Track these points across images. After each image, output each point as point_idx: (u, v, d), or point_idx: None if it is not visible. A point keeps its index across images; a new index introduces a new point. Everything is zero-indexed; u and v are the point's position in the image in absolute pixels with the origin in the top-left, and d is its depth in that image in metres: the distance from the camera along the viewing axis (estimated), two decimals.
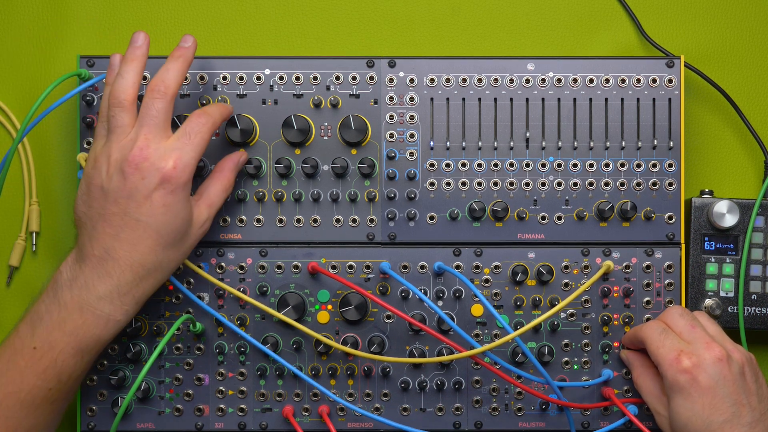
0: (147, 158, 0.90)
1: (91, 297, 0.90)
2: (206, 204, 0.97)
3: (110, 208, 0.90)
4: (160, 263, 0.92)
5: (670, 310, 0.99)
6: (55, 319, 0.90)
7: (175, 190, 0.90)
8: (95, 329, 0.90)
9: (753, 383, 0.94)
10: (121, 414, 0.95)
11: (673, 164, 1.03)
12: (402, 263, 1.03)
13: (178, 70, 0.94)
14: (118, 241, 0.90)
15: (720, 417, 0.91)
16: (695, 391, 0.92)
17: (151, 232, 0.90)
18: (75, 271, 0.91)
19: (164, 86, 0.92)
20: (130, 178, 0.90)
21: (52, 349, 0.89)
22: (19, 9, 1.10)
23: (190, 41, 0.96)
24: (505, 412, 1.03)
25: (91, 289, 0.90)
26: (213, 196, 0.98)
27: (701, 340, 0.94)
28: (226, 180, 0.99)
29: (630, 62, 1.04)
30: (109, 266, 0.90)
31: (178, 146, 0.92)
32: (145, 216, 0.90)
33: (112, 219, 0.90)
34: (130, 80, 0.93)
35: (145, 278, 0.92)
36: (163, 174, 0.90)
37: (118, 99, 0.92)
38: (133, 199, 0.90)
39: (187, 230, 0.94)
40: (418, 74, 1.03)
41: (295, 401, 1.03)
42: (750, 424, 0.91)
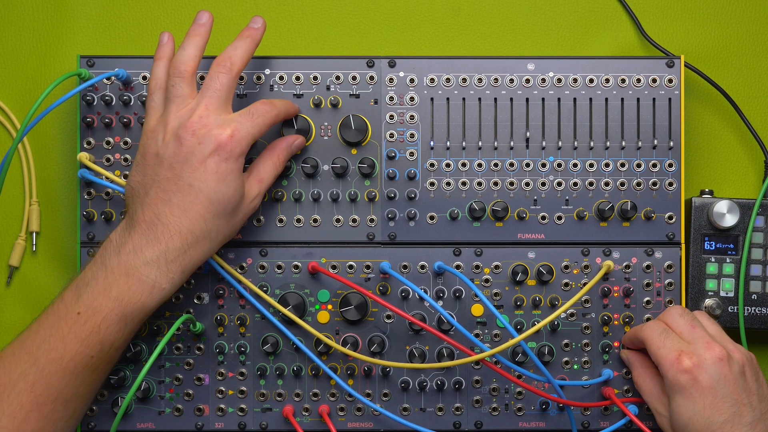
0: (206, 125, 0.91)
1: (138, 262, 0.90)
2: (257, 180, 0.97)
3: (164, 173, 0.91)
4: (209, 232, 0.92)
5: (670, 310, 0.99)
6: (101, 285, 0.89)
7: (228, 158, 0.91)
8: (140, 296, 0.90)
9: (753, 383, 0.94)
10: (121, 414, 0.95)
11: (673, 164, 1.03)
12: (402, 263, 1.03)
13: (245, 48, 0.95)
14: (169, 206, 0.90)
15: (721, 417, 0.91)
16: (696, 390, 0.92)
17: (202, 197, 0.90)
18: (124, 237, 0.91)
19: (230, 62, 0.94)
20: (186, 143, 0.90)
21: (96, 315, 0.89)
22: (19, 9, 1.10)
23: (260, 22, 0.97)
24: (505, 412, 1.03)
25: (139, 254, 0.90)
26: (264, 173, 0.97)
27: (702, 340, 0.94)
28: (277, 159, 0.99)
29: (630, 62, 1.04)
30: (158, 231, 0.90)
31: (238, 119, 0.92)
32: (198, 181, 0.90)
33: (166, 184, 0.90)
34: (192, 53, 0.94)
35: (193, 246, 0.91)
36: (220, 141, 0.90)
37: (179, 69, 0.93)
38: (188, 163, 0.90)
39: (238, 202, 0.94)
40: (418, 74, 1.03)
41: (295, 401, 1.03)
42: (750, 423, 0.91)
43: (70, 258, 1.07)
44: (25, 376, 0.88)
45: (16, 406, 0.88)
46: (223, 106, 0.93)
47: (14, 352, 0.90)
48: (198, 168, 0.90)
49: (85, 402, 0.93)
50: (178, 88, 0.93)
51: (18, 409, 0.88)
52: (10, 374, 0.89)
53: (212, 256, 1.00)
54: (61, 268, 1.08)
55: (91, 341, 0.89)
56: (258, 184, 0.97)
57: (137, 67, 1.03)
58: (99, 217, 1.03)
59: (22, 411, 0.88)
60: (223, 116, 0.92)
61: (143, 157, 0.93)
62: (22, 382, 0.88)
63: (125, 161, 1.03)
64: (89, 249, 1.03)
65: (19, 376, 0.88)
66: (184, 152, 0.90)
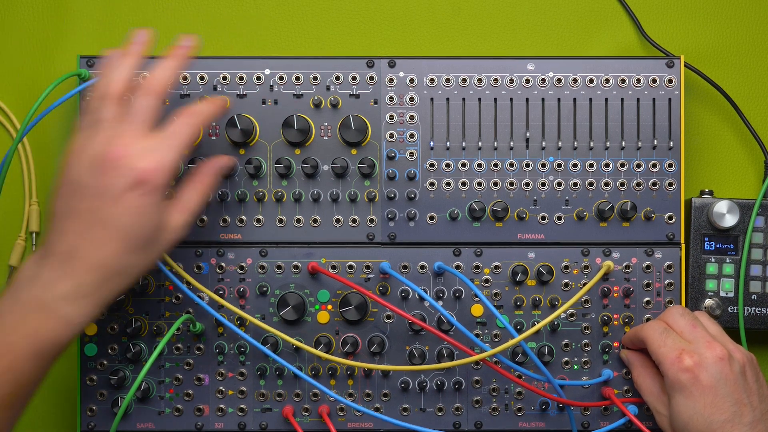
0: (124, 156, 0.86)
1: (51, 296, 0.85)
2: (180, 210, 0.93)
3: (80, 205, 0.86)
4: (125, 267, 0.88)
5: (670, 309, 0.99)
6: (16, 320, 0.85)
7: (149, 192, 0.86)
8: (54, 333, 0.86)
9: (754, 383, 0.94)
10: (121, 414, 0.95)
11: (673, 164, 1.03)
12: (402, 263, 1.03)
13: (170, 69, 0.92)
14: (84, 240, 0.86)
15: (721, 416, 0.91)
16: (697, 390, 0.92)
17: (119, 234, 0.86)
18: (37, 269, 0.87)
19: (154, 83, 0.90)
20: (104, 176, 0.86)
21: (10, 353, 0.84)
22: (19, 9, 1.10)
23: (187, 42, 0.94)
24: (505, 412, 1.03)
25: (52, 288, 0.85)
26: (187, 202, 0.94)
27: (702, 340, 0.94)
28: (202, 186, 0.95)
29: (630, 62, 1.03)
30: (72, 265, 0.86)
31: (158, 147, 0.88)
32: (113, 218, 0.86)
33: (81, 216, 0.86)
34: (121, 74, 0.90)
35: (108, 281, 0.87)
36: (139, 174, 0.85)
37: (104, 92, 0.89)
38: (104, 197, 0.85)
39: (158, 235, 0.89)
40: (418, 74, 1.03)
41: (295, 401, 1.03)
42: (751, 423, 0.91)
43: None
44: None
45: None
46: (144, 130, 0.88)
47: None
48: (115, 204, 0.85)
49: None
50: (102, 111, 0.89)
51: None
52: None
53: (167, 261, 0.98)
54: None
55: (5, 379, 0.84)
56: (181, 214, 0.92)
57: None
58: None
59: None
60: (143, 143, 0.87)
61: (63, 183, 0.88)
62: None
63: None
64: None
65: None
66: (102, 185, 0.85)
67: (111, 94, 0.89)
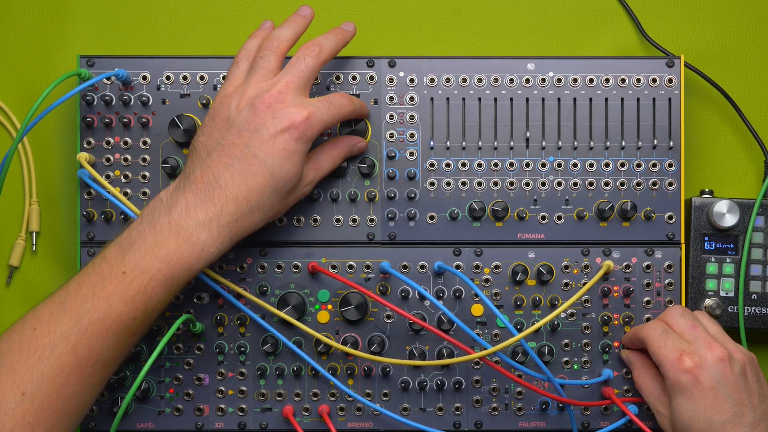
0: (283, 101, 0.91)
1: (189, 222, 0.88)
2: (315, 167, 0.97)
3: (231, 139, 0.91)
4: (263, 204, 0.91)
5: (670, 309, 0.99)
6: (149, 244, 0.87)
7: (299, 138, 0.91)
8: (189, 257, 0.88)
9: (755, 383, 0.94)
10: (121, 414, 0.95)
11: (673, 164, 1.03)
12: (402, 263, 1.03)
13: (336, 41, 0.97)
14: (231, 171, 0.90)
15: (722, 417, 0.91)
16: (697, 391, 0.92)
17: (265, 170, 0.90)
18: (176, 196, 0.90)
19: (319, 48, 0.95)
20: (261, 114, 0.90)
21: (144, 275, 0.87)
22: (19, 9, 1.10)
23: (352, 27, 1.00)
24: (505, 412, 1.03)
25: (192, 214, 0.89)
26: (322, 162, 0.98)
27: (703, 340, 0.94)
28: (337, 153, 0.99)
29: (630, 62, 1.04)
30: (215, 193, 0.89)
31: (316, 104, 0.93)
32: (264, 154, 0.90)
33: (231, 150, 0.90)
34: (290, 34, 0.96)
35: (246, 215, 0.90)
36: (294, 120, 0.91)
37: (272, 44, 0.95)
38: (258, 134, 0.90)
39: (296, 184, 0.94)
40: (418, 74, 1.03)
41: (295, 401, 1.03)
42: (752, 423, 0.91)
43: (70, 258, 1.08)
44: (66, 337, 0.85)
45: (56, 369, 0.84)
46: (303, 88, 0.94)
47: (53, 311, 0.86)
48: (267, 141, 0.90)
49: (117, 365, 0.90)
50: (266, 60, 0.94)
51: (58, 372, 0.84)
52: (50, 335, 0.85)
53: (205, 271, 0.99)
54: (61, 268, 1.08)
55: (136, 302, 0.87)
56: (314, 172, 0.97)
57: (137, 67, 1.03)
58: (99, 216, 1.03)
59: (63, 374, 0.85)
60: (300, 98, 0.93)
61: (212, 120, 0.93)
62: (63, 344, 0.85)
63: (125, 161, 1.03)
64: (89, 249, 1.02)
65: (59, 337, 0.85)
66: (256, 122, 0.90)
67: (276, 48, 0.95)
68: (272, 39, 0.96)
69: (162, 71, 1.03)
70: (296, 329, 1.02)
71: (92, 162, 1.02)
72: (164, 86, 1.03)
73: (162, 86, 1.03)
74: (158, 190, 1.03)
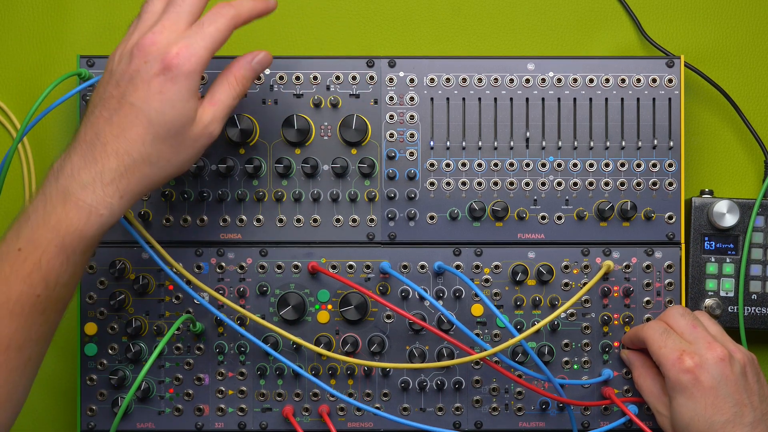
0: (155, 43, 0.85)
1: (74, 185, 0.84)
2: (210, 103, 0.90)
3: (111, 91, 0.86)
4: (149, 156, 0.86)
5: (671, 309, 0.99)
6: (40, 215, 0.84)
7: (175, 78, 0.85)
8: (77, 222, 0.83)
9: (755, 383, 0.94)
10: (121, 414, 0.95)
11: (673, 164, 1.03)
12: (402, 263, 1.03)
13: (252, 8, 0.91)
14: (110, 125, 0.85)
15: (722, 417, 0.91)
16: (698, 391, 0.92)
17: (142, 118, 0.85)
18: (64, 161, 0.85)
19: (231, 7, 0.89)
20: (135, 61, 0.85)
21: (36, 249, 0.83)
22: (19, 9, 1.10)
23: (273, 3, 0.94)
24: (505, 412, 1.03)
25: (76, 176, 0.84)
26: (218, 94, 0.90)
27: (703, 340, 0.94)
28: (234, 78, 0.92)
29: (630, 62, 1.04)
30: (96, 151, 0.84)
31: (188, 35, 0.86)
32: (139, 101, 0.85)
33: (109, 102, 0.86)
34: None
35: (132, 168, 0.85)
36: (165, 60, 0.85)
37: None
38: (132, 82, 0.85)
39: (186, 127, 0.87)
40: (418, 74, 1.03)
41: (295, 401, 1.03)
42: (752, 423, 0.91)
43: None
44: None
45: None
46: (183, 23, 0.87)
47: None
48: (141, 87, 0.85)
49: (39, 347, 0.86)
50: (150, 4, 0.89)
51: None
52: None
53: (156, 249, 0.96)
54: None
55: (33, 279, 0.83)
56: (212, 107, 0.89)
57: None
58: None
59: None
60: (176, 35, 0.86)
61: (104, 75, 0.89)
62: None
63: None
64: None
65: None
66: (131, 70, 0.85)
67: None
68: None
69: None
70: (296, 329, 1.02)
71: None
72: None
73: None
74: (158, 189, 1.03)
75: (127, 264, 1.02)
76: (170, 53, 0.85)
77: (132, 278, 1.02)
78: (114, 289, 1.02)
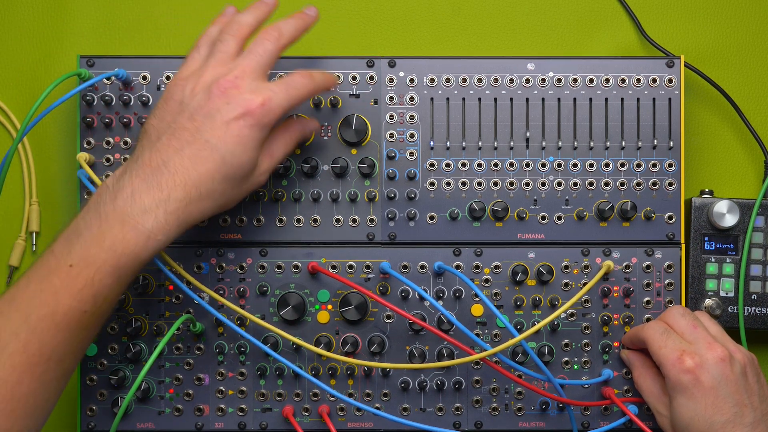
0: (238, 87, 0.89)
1: (135, 209, 0.85)
2: (268, 155, 0.94)
3: (183, 123, 0.88)
4: (213, 192, 0.88)
5: (671, 310, 0.99)
6: (95, 233, 0.85)
7: (254, 125, 0.88)
8: (134, 246, 0.85)
9: (755, 383, 0.94)
10: (121, 414, 0.95)
11: (673, 164, 1.03)
12: (402, 263, 1.03)
13: (296, 26, 0.95)
14: (180, 156, 0.87)
15: (722, 417, 0.91)
16: (698, 391, 0.92)
17: (216, 156, 0.87)
18: (123, 182, 0.87)
19: (278, 33, 0.93)
20: (215, 100, 0.88)
21: (90, 267, 0.84)
22: (19, 9, 1.10)
23: (314, 11, 0.97)
24: (505, 412, 1.03)
25: (137, 200, 0.85)
26: (275, 150, 0.95)
27: (703, 341, 0.94)
28: (289, 138, 0.97)
29: (630, 62, 1.04)
30: (162, 179, 0.86)
31: (273, 89, 0.90)
32: (216, 139, 0.87)
33: (182, 134, 0.88)
34: (251, 19, 0.94)
35: (194, 201, 0.87)
36: (249, 107, 0.88)
37: (233, 28, 0.93)
38: (210, 119, 0.88)
39: (249, 172, 0.91)
40: (418, 74, 1.03)
41: (295, 401, 1.03)
42: (752, 424, 0.91)
43: None
44: (16, 335, 0.83)
45: (8, 368, 0.82)
46: (261, 72, 0.91)
47: (2, 310, 0.84)
48: (220, 127, 0.88)
49: (76, 360, 0.88)
50: (225, 44, 0.92)
51: (10, 372, 0.83)
52: (0, 334, 0.83)
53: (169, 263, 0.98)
54: None
55: (84, 295, 0.84)
56: (268, 160, 0.94)
57: (137, 67, 1.03)
58: None
59: (15, 373, 0.83)
60: (257, 83, 0.90)
61: (165, 103, 0.90)
62: (14, 342, 0.83)
63: (125, 161, 1.02)
64: None
65: (9, 335, 0.83)
66: (210, 107, 0.88)
67: (237, 32, 0.93)
68: (233, 23, 0.93)
69: (162, 71, 1.03)
70: (296, 329, 1.02)
71: (92, 162, 1.02)
72: (164, 86, 1.02)
73: (162, 86, 1.03)
74: None
75: None
76: (254, 102, 0.88)
77: None
78: None
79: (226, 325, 1.02)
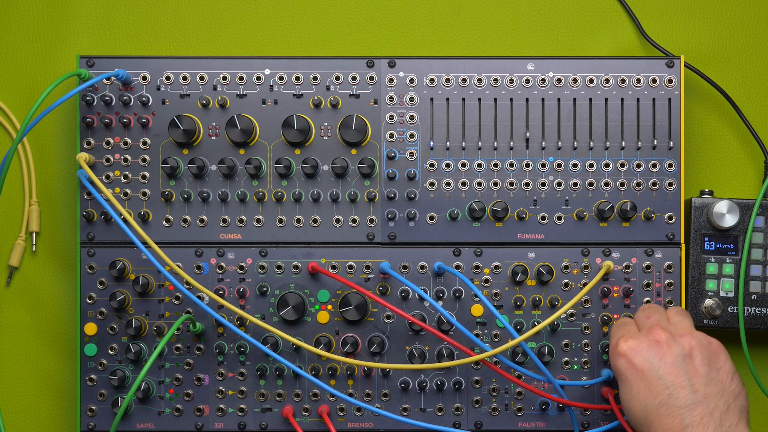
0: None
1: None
2: None
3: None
4: None
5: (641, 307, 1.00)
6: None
7: None
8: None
9: (703, 366, 0.92)
10: (121, 414, 0.95)
11: (673, 164, 1.03)
12: (402, 263, 1.03)
13: None
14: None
15: (655, 399, 0.90)
16: (632, 374, 0.92)
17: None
18: None
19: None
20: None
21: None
22: (19, 9, 1.10)
23: None
24: (505, 412, 1.03)
25: None
26: None
27: (648, 327, 0.94)
28: None
29: (630, 62, 1.03)
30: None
31: None
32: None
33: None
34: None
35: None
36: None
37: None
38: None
39: None
40: (418, 74, 1.03)
41: (295, 401, 1.03)
42: (688, 406, 0.89)
43: (70, 258, 1.08)
44: None
45: None
46: None
47: None
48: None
49: None
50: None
51: None
52: None
53: None
54: (61, 269, 1.08)
55: None
56: None
57: (137, 68, 1.03)
58: (99, 217, 1.03)
59: None
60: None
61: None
62: None
63: (125, 161, 1.03)
64: (89, 249, 1.03)
65: None
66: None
67: None
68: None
69: (162, 71, 1.03)
70: (296, 329, 1.02)
71: (92, 162, 1.03)
72: (164, 86, 1.03)
73: (162, 86, 1.03)
74: (158, 190, 1.03)
75: (127, 264, 1.02)
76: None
77: (132, 278, 1.03)
78: (114, 290, 1.02)
79: (226, 326, 1.02)
